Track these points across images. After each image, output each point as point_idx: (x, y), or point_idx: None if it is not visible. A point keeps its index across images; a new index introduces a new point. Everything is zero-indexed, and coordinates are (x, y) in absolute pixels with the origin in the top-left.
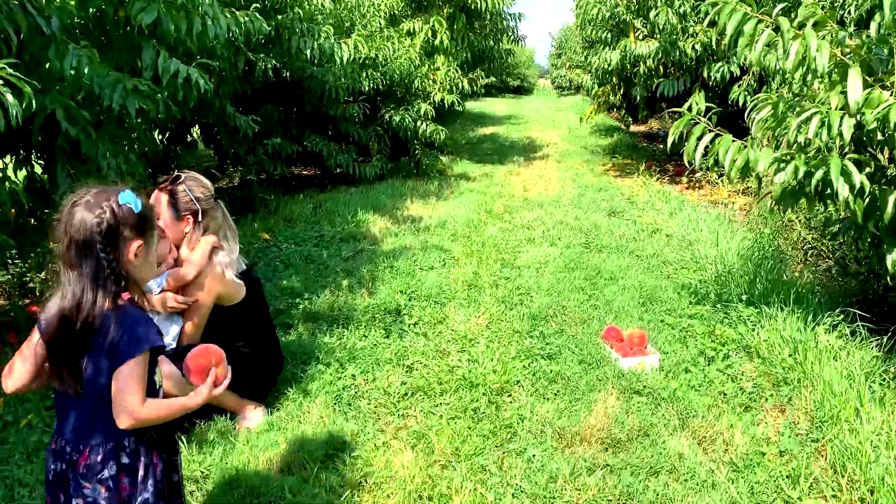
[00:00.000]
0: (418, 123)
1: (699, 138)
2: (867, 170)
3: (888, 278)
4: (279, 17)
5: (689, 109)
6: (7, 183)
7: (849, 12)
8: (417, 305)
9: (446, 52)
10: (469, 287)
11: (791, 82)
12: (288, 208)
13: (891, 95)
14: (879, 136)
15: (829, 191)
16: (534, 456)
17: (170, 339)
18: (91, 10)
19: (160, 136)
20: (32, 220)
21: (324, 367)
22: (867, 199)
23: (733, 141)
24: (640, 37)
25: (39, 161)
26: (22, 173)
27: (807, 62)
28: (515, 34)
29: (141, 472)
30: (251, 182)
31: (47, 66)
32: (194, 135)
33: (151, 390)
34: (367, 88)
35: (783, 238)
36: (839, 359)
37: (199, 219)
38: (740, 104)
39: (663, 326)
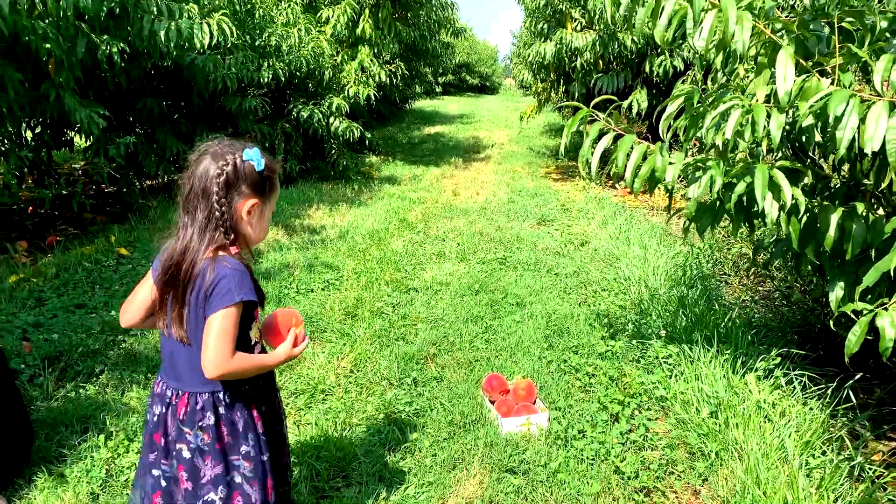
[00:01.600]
0: (331, 120)
1: (596, 140)
2: (804, 181)
3: (831, 317)
4: None
5: (630, 108)
6: None
7: None
8: None
9: (370, 42)
10: (347, 316)
11: (710, 69)
12: (171, 217)
13: (831, 83)
14: (817, 137)
15: (755, 208)
16: None
17: None
18: None
19: None
20: None
21: (101, 438)
22: (803, 219)
23: (637, 143)
24: (578, 28)
25: None
26: None
27: (724, 40)
28: (453, 26)
29: (240, 426)
30: (129, 187)
31: None
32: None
33: (245, 345)
34: (266, 79)
35: (722, 254)
36: (772, 420)
37: None
38: None
39: (565, 370)
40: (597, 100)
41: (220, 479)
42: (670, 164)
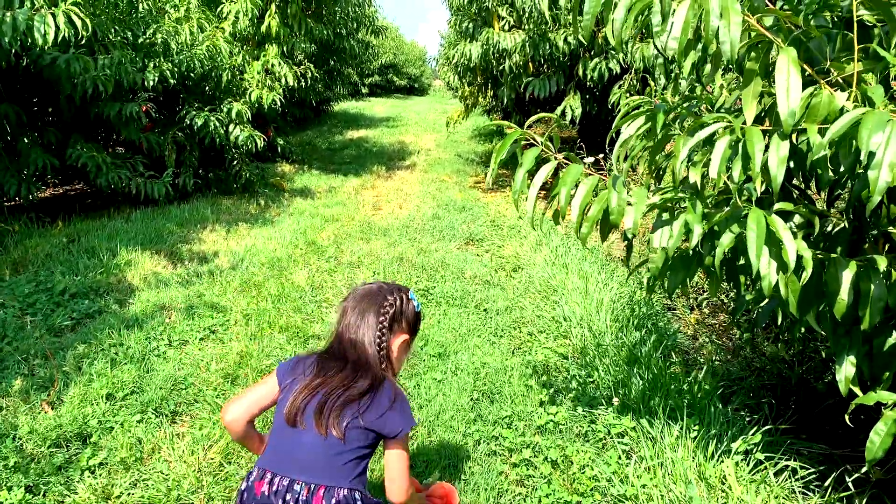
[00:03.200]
0: (230, 128)
1: (532, 171)
2: (795, 221)
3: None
4: None
5: (563, 114)
6: None
7: None
8: (122, 423)
9: (278, 40)
10: (225, 380)
11: (676, 78)
12: (31, 244)
13: (847, 98)
14: (829, 174)
15: (741, 261)
16: None
17: None
18: None
19: None
20: None
21: None
22: (804, 277)
23: (584, 175)
24: (506, 27)
25: None
26: None
27: (704, 40)
28: (373, 24)
29: None
30: None
31: None
32: None
33: None
34: (151, 83)
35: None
36: None
37: None
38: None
39: (497, 451)
40: (532, 119)
41: None
42: (629, 203)
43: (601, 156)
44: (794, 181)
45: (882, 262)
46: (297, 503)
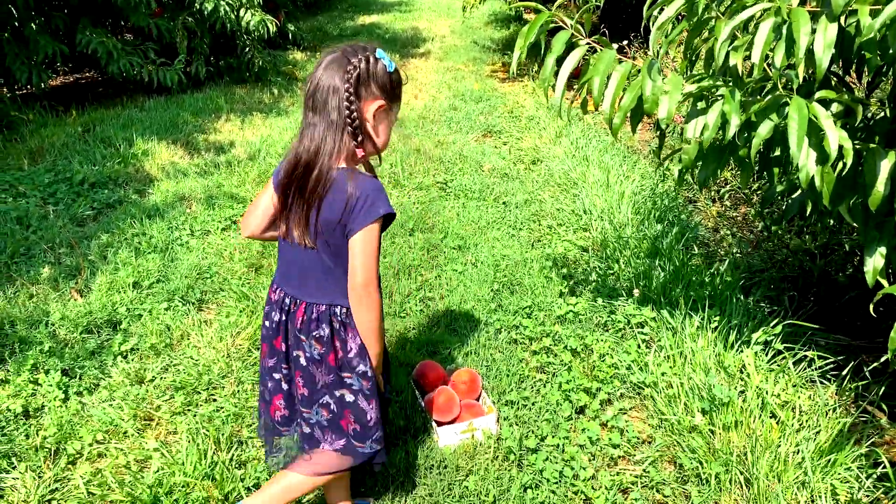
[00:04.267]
0: (241, 13)
1: (561, 58)
2: (833, 109)
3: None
4: None
5: None
6: None
7: None
8: (150, 310)
9: None
10: (250, 269)
11: None
12: (46, 133)
13: None
14: (877, 59)
15: (776, 152)
16: None
17: None
18: None
19: None
20: None
21: None
22: (841, 169)
23: (617, 62)
24: None
25: None
26: None
27: None
28: None
29: (355, 346)
30: None
31: None
32: None
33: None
34: None
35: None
36: (781, 420)
37: None
38: None
39: (518, 340)
40: (559, 0)
41: (335, 386)
42: (664, 92)
43: (625, 42)
44: (833, 67)
45: None
46: (288, 314)
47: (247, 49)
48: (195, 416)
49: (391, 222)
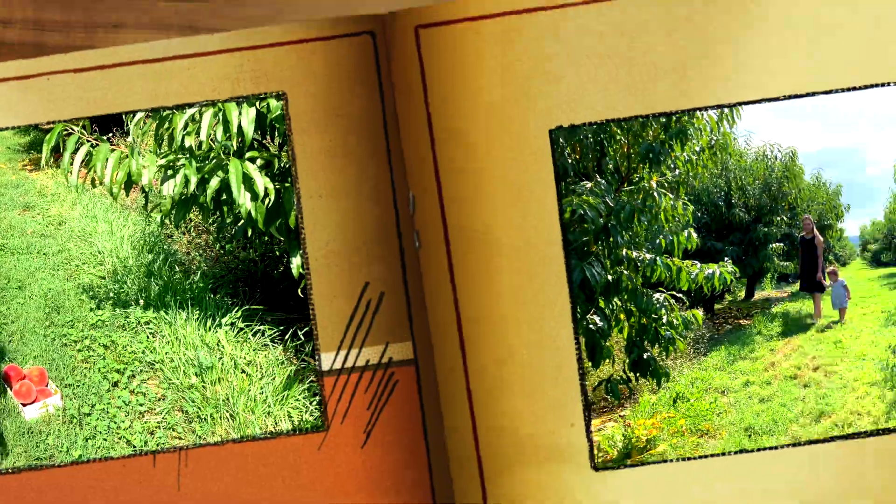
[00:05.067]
0: None
1: (74, 152)
2: (258, 163)
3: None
4: None
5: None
6: None
7: None
8: None
9: None
10: None
11: None
12: None
13: None
14: (284, 128)
15: (225, 197)
16: None
17: None
18: None
19: None
20: None
21: None
22: (268, 203)
23: (111, 151)
24: None
25: None
26: None
27: None
28: None
29: None
30: None
31: None
32: None
33: None
34: None
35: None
36: (251, 376)
37: None
38: None
39: (67, 343)
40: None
41: None
42: (145, 167)
43: (110, 134)
44: (256, 135)
45: None
46: None
47: None
48: None
49: None
